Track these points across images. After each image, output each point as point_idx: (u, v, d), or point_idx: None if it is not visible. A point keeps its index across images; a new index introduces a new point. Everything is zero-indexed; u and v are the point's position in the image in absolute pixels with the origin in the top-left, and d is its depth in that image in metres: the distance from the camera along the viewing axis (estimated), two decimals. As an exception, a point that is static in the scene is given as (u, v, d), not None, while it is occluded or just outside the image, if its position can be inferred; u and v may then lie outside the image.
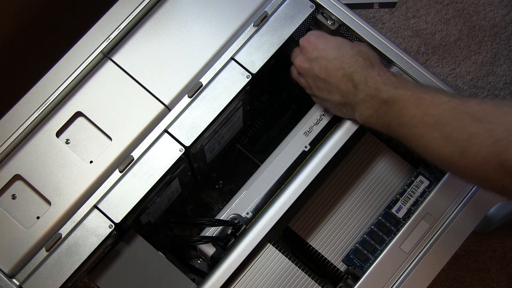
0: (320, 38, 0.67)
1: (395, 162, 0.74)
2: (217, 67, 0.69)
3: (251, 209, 0.70)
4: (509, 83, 1.24)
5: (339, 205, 0.72)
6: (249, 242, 0.66)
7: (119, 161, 0.67)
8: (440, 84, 0.70)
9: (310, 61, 0.66)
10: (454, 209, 0.68)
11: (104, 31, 0.69)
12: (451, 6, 1.27)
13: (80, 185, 0.65)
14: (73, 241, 0.64)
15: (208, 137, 0.72)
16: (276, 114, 0.87)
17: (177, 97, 0.68)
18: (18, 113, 0.67)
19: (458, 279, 1.13)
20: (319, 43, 0.66)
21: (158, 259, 0.69)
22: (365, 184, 0.73)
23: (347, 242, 0.71)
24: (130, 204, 0.65)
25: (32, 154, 0.66)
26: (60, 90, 0.67)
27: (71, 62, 0.68)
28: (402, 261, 0.67)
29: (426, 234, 0.68)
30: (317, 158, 0.69)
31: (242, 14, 0.71)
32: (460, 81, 1.24)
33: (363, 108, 0.62)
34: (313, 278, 0.69)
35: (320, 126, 0.72)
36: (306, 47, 0.67)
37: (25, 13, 0.85)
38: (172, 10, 0.71)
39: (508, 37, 1.26)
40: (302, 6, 0.72)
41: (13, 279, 0.63)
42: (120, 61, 0.69)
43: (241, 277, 0.68)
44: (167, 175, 0.68)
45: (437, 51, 1.25)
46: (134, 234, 0.69)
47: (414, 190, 0.71)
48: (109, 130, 0.67)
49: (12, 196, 0.65)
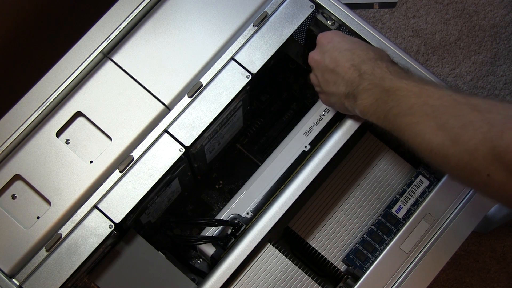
0: (337, 34, 0.67)
1: (395, 162, 0.74)
2: (217, 67, 0.69)
3: (251, 209, 0.70)
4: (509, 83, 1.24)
5: (339, 205, 0.72)
6: (249, 242, 0.66)
7: (119, 161, 0.67)
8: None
9: (322, 53, 0.66)
10: (454, 209, 0.69)
11: (104, 31, 0.69)
12: (451, 6, 1.27)
13: (80, 185, 0.65)
14: (73, 241, 0.64)
15: (208, 137, 0.72)
16: (276, 114, 0.87)
17: (177, 97, 0.68)
18: (18, 113, 0.67)
19: (458, 279, 1.13)
20: (335, 37, 0.67)
21: (158, 259, 0.69)
22: (365, 184, 0.73)
23: (347, 242, 0.71)
24: (130, 204, 0.65)
25: (32, 154, 0.66)
26: (60, 90, 0.67)
27: (71, 62, 0.68)
28: (402, 261, 0.67)
29: (426, 234, 0.68)
30: (317, 158, 0.69)
31: (242, 14, 0.71)
32: (460, 81, 1.24)
33: (364, 97, 0.61)
34: (313, 278, 0.69)
35: (320, 126, 0.72)
36: (322, 40, 0.67)
37: (25, 13, 0.85)
38: (172, 10, 0.71)
39: (508, 37, 1.26)
40: (302, 6, 0.72)
41: (13, 279, 0.63)
42: (120, 61, 0.69)
43: (241, 277, 0.68)
44: (167, 175, 0.68)
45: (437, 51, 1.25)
46: (134, 234, 0.69)
47: (414, 190, 0.71)
48: (109, 130, 0.67)
49: (12, 196, 0.65)
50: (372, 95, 0.60)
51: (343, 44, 0.65)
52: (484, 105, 0.50)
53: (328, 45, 0.66)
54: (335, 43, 0.66)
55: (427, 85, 0.56)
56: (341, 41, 0.66)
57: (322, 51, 0.66)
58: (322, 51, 0.66)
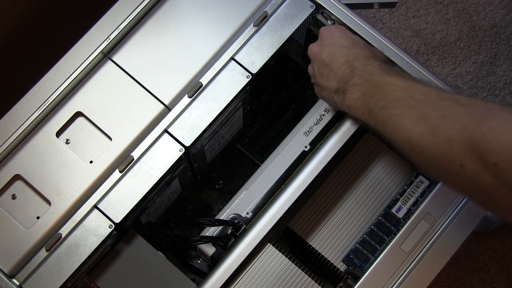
0: (339, 30, 0.68)
1: (395, 162, 0.74)
2: (217, 67, 0.69)
3: (251, 209, 0.70)
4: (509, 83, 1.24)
5: (339, 205, 0.72)
6: (249, 242, 0.66)
7: (119, 161, 0.67)
8: (440, 84, 0.70)
9: (321, 46, 0.67)
10: (454, 209, 0.69)
11: (104, 31, 0.69)
12: (451, 6, 1.27)
13: (80, 185, 0.65)
14: (73, 241, 0.64)
15: (208, 137, 0.72)
16: (276, 114, 0.87)
17: (177, 97, 0.68)
18: (18, 113, 0.67)
19: (458, 279, 1.13)
20: (336, 32, 0.67)
21: (158, 259, 0.69)
22: (365, 184, 0.73)
23: (347, 242, 0.71)
24: (130, 204, 0.65)
25: (32, 154, 0.66)
26: (60, 90, 0.67)
27: (71, 62, 0.68)
28: (402, 261, 0.67)
29: (426, 234, 0.68)
30: (317, 158, 0.69)
31: (242, 14, 0.71)
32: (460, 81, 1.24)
33: (353, 91, 0.61)
34: (313, 278, 0.69)
35: (320, 126, 0.72)
36: (324, 34, 0.68)
37: (25, 13, 0.85)
38: (172, 10, 0.71)
39: (508, 37, 1.26)
40: (302, 6, 0.72)
41: (13, 279, 0.63)
42: (120, 61, 0.69)
43: (241, 277, 0.68)
44: (167, 175, 0.68)
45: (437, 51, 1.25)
46: (134, 234, 0.69)
47: (414, 190, 0.71)
48: (109, 130, 0.67)
49: (12, 196, 0.65)
50: (361, 89, 0.60)
51: (342, 41, 0.66)
52: (467, 101, 0.50)
53: (328, 39, 0.67)
54: (335, 38, 0.66)
55: (415, 82, 0.57)
56: (341, 37, 0.66)
57: (322, 44, 0.67)
58: (322, 45, 0.67)
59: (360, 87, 0.60)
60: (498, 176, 0.45)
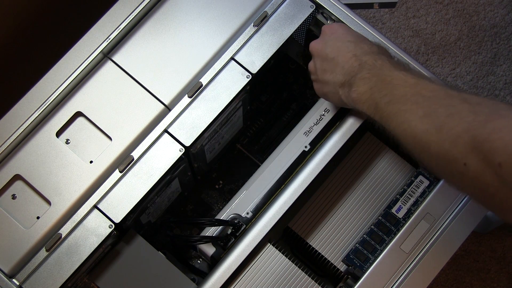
0: (342, 26, 0.68)
1: (395, 162, 0.74)
2: (217, 67, 0.69)
3: (251, 209, 0.70)
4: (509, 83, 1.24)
5: (339, 205, 0.72)
6: (249, 242, 0.66)
7: (119, 161, 0.67)
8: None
9: (325, 42, 0.67)
10: (454, 209, 0.69)
11: (104, 31, 0.69)
12: (451, 6, 1.27)
13: (80, 185, 0.65)
14: (73, 241, 0.64)
15: (208, 137, 0.72)
16: (276, 114, 0.87)
17: (177, 97, 0.68)
18: (18, 113, 0.67)
19: (458, 279, 1.13)
20: (340, 29, 0.67)
21: (158, 259, 0.69)
22: (365, 184, 0.73)
23: (347, 242, 0.71)
24: (130, 204, 0.65)
25: (32, 154, 0.66)
26: (60, 90, 0.67)
27: (71, 62, 0.68)
28: (402, 261, 0.67)
29: (426, 234, 0.68)
30: (317, 158, 0.69)
31: (242, 14, 0.71)
32: (460, 81, 1.24)
33: (360, 84, 0.61)
34: (313, 278, 0.69)
35: (320, 126, 0.72)
36: (326, 31, 0.68)
37: (25, 13, 0.85)
38: (172, 10, 0.71)
39: (508, 37, 1.26)
40: (302, 6, 0.72)
41: (13, 279, 0.63)
42: (120, 61, 0.69)
43: (241, 277, 0.68)
44: (167, 175, 0.68)
45: (437, 51, 1.25)
46: (134, 234, 0.69)
47: (414, 190, 0.71)
48: (109, 130, 0.67)
49: (12, 196, 0.66)
50: (368, 83, 0.60)
51: (347, 36, 0.65)
52: (475, 99, 0.50)
53: (332, 35, 0.67)
54: (339, 34, 0.66)
55: (424, 79, 0.56)
56: (345, 33, 0.66)
57: (325, 40, 0.67)
58: (325, 41, 0.67)
59: (368, 81, 0.60)
60: (502, 177, 0.44)
